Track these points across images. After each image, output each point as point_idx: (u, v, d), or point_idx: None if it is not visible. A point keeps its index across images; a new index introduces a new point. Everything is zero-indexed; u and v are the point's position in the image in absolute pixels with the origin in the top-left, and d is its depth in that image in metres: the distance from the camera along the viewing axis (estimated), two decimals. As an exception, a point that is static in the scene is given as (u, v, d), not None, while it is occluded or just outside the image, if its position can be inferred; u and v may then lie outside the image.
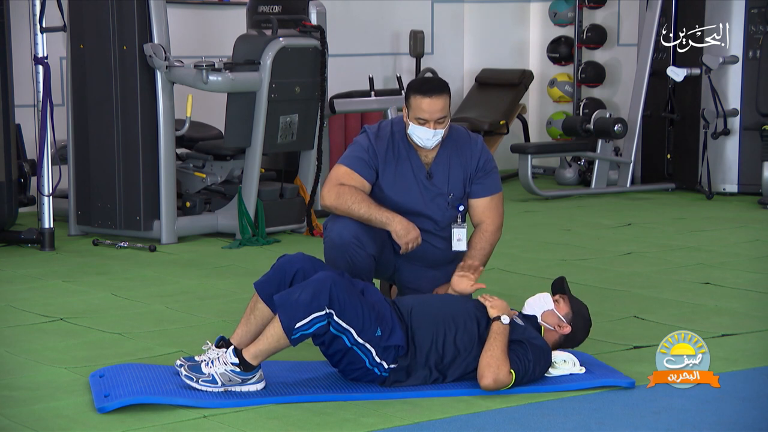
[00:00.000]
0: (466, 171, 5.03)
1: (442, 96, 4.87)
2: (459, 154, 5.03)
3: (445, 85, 4.94)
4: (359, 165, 4.95)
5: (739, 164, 9.89)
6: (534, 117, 11.87)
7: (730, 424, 4.12)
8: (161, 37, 7.63)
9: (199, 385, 4.32)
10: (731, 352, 4.97)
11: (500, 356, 4.38)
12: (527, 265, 6.99)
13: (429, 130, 4.89)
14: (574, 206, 9.51)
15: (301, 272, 4.51)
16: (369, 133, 5.02)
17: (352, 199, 4.88)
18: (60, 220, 7.89)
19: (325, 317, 4.27)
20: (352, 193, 4.89)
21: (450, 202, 5.02)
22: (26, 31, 7.70)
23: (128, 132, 7.69)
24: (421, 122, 4.88)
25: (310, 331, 4.29)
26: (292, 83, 7.88)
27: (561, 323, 4.63)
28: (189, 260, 7.24)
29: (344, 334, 4.34)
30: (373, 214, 4.87)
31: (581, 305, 4.72)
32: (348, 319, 4.31)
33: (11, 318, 5.71)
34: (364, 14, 10.93)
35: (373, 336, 4.36)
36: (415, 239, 4.89)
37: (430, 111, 4.85)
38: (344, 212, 4.89)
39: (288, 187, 8.13)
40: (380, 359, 4.39)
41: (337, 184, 4.92)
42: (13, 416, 4.16)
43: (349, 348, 4.36)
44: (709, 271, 6.78)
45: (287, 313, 4.27)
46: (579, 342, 4.70)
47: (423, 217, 5.00)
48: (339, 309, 4.29)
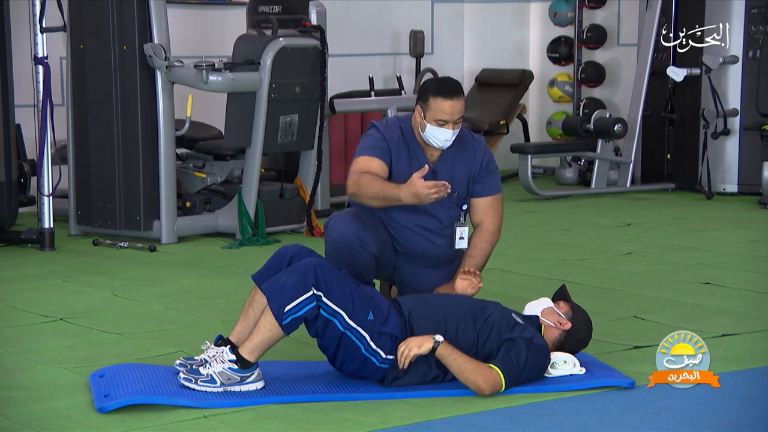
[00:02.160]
0: (470, 170, 5.06)
1: (461, 97, 4.93)
2: (463, 153, 5.06)
3: (461, 86, 5.00)
4: (376, 152, 4.98)
5: (739, 164, 9.89)
6: (534, 117, 11.87)
7: (730, 424, 4.11)
8: (161, 37, 7.63)
9: (199, 386, 4.32)
10: (731, 352, 4.97)
11: (471, 367, 4.35)
12: (527, 265, 6.99)
13: (449, 131, 4.92)
14: (574, 206, 9.51)
15: (296, 257, 4.54)
16: (378, 126, 5.06)
17: (367, 180, 4.89)
18: (60, 220, 7.89)
19: (314, 298, 4.31)
20: (368, 177, 4.91)
21: (454, 201, 5.04)
22: (26, 31, 7.70)
23: (128, 132, 7.69)
24: (441, 123, 4.91)
25: (301, 314, 4.31)
26: (292, 83, 7.88)
27: (561, 320, 4.63)
28: (189, 260, 7.24)
29: (335, 318, 4.35)
30: (385, 190, 4.85)
31: (582, 308, 4.73)
32: (337, 300, 4.34)
33: (11, 318, 5.72)
34: (364, 14, 10.93)
35: (366, 320, 4.38)
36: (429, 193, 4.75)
37: (452, 112, 4.89)
38: (363, 196, 4.89)
39: (288, 187, 8.14)
40: (376, 346, 4.39)
41: (358, 172, 4.95)
42: (13, 416, 4.16)
43: (342, 333, 4.38)
44: (709, 271, 6.78)
45: (275, 298, 4.31)
46: (583, 342, 4.67)
47: (427, 215, 5.01)
48: (326, 290, 4.32)
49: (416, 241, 5.03)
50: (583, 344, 4.70)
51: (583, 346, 4.71)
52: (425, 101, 4.93)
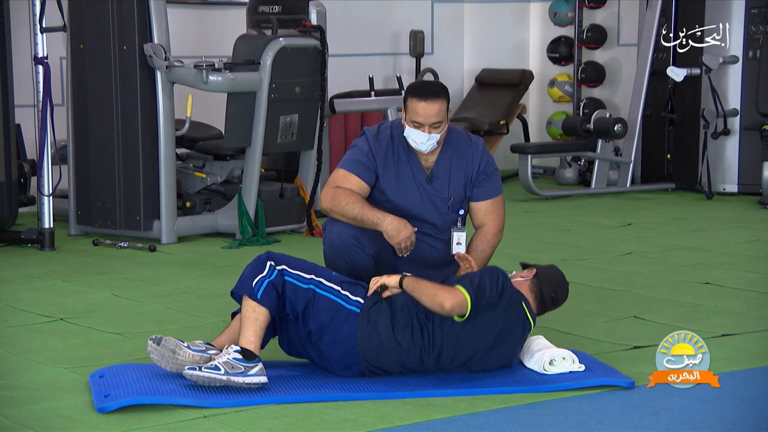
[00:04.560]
0: (467, 174, 5.01)
1: (438, 100, 4.85)
2: (460, 157, 5.01)
3: (443, 90, 4.92)
4: (357, 167, 4.93)
5: (739, 164, 9.89)
6: (534, 117, 11.87)
7: (730, 424, 4.12)
8: (161, 37, 7.63)
9: (203, 372, 4.31)
10: (731, 352, 4.97)
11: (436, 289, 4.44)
12: (527, 265, 6.98)
13: (423, 134, 4.87)
14: (574, 206, 9.51)
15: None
16: (368, 135, 5.00)
17: (346, 200, 4.86)
18: (60, 220, 7.89)
19: (274, 269, 4.47)
20: (347, 195, 4.87)
21: (450, 206, 5.01)
22: (26, 31, 7.70)
23: (128, 132, 7.69)
24: (416, 125, 4.87)
25: (268, 281, 4.44)
26: (292, 83, 7.88)
27: (523, 273, 4.69)
28: (189, 260, 7.24)
29: (300, 281, 4.49)
30: (365, 215, 4.84)
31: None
32: (298, 266, 4.53)
33: (11, 318, 5.72)
34: (364, 14, 10.93)
35: (331, 275, 4.57)
36: (407, 239, 4.84)
37: (425, 115, 4.84)
38: (339, 214, 4.87)
39: (288, 187, 8.14)
40: (354, 296, 4.51)
41: (334, 187, 4.91)
42: (13, 416, 4.16)
43: (316, 293, 4.48)
44: (709, 271, 6.78)
45: (240, 286, 4.51)
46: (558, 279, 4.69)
47: (423, 221, 4.98)
48: (284, 261, 4.52)
49: (414, 245, 5.00)
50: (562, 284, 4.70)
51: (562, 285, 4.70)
52: (405, 102, 4.92)
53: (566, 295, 4.74)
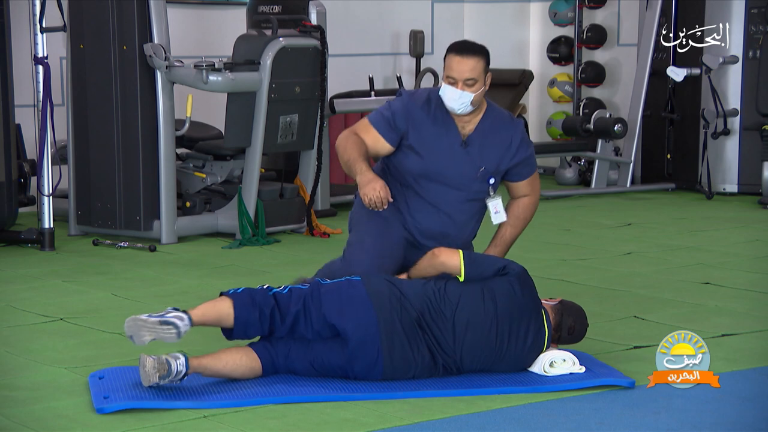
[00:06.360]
0: (502, 155, 5.00)
1: (474, 57, 4.90)
2: (498, 132, 5.01)
3: (481, 49, 4.97)
4: (380, 123, 4.97)
5: (739, 164, 9.90)
6: (534, 117, 11.87)
7: (730, 424, 4.12)
8: (161, 37, 7.63)
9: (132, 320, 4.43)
10: (731, 352, 4.97)
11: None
12: (527, 265, 6.90)
13: (456, 90, 4.88)
14: (574, 206, 9.51)
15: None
16: (404, 94, 5.06)
17: (351, 146, 4.90)
18: (60, 220, 7.89)
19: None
20: (355, 142, 4.92)
21: (480, 175, 4.99)
22: (26, 31, 7.70)
23: (128, 132, 7.69)
24: (450, 81, 4.89)
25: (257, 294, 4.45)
26: (292, 83, 7.88)
27: (548, 299, 4.73)
28: (189, 260, 7.24)
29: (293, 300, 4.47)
30: (353, 163, 4.86)
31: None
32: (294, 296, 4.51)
33: (11, 318, 5.72)
34: (364, 14, 10.93)
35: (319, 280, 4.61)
36: (375, 190, 4.76)
37: (459, 70, 4.86)
38: (340, 153, 4.93)
39: (288, 187, 8.14)
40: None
41: (353, 132, 4.98)
42: (13, 416, 4.16)
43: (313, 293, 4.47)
44: (709, 271, 6.78)
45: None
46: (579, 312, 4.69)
47: (449, 186, 4.97)
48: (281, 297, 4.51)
49: (434, 219, 4.98)
50: (582, 319, 4.69)
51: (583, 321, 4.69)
52: (444, 60, 4.94)
53: (584, 332, 4.73)
